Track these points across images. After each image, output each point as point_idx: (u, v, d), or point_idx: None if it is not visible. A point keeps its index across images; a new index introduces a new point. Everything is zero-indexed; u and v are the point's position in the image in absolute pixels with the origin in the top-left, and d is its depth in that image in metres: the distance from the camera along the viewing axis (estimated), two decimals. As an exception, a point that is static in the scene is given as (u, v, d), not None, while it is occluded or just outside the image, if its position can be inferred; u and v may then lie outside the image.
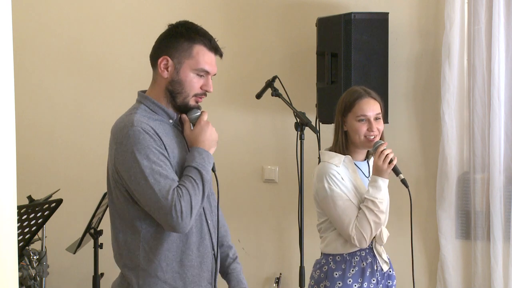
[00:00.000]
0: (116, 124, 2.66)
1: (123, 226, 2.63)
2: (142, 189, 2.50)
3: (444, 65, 4.35)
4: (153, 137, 2.54)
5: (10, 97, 2.03)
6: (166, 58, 2.63)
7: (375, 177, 3.23)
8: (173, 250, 2.61)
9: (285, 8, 4.80)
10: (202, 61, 2.64)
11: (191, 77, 2.64)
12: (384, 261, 3.34)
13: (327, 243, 3.34)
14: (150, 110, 2.65)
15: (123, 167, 2.53)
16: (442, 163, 4.39)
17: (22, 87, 5.10)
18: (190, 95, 2.66)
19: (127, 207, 2.59)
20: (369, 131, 3.27)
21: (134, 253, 2.61)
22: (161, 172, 2.51)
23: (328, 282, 3.28)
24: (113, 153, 2.59)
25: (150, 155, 2.51)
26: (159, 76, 2.66)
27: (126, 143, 2.54)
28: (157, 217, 2.53)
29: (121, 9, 5.13)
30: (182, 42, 2.63)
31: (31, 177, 5.05)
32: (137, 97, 2.74)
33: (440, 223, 4.43)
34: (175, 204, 2.48)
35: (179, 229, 2.51)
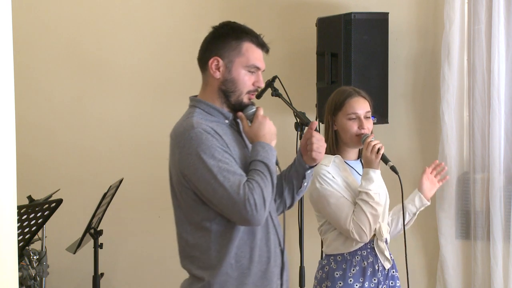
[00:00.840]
0: (175, 130, 2.67)
1: (193, 229, 2.64)
2: (213, 188, 2.53)
3: (444, 65, 4.34)
4: (214, 136, 2.58)
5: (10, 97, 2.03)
6: (216, 59, 2.66)
7: (366, 169, 3.23)
8: (242, 247, 2.63)
9: (285, 8, 4.80)
10: (252, 57, 2.69)
11: (243, 75, 2.68)
12: (386, 258, 3.33)
13: (328, 243, 3.34)
14: (205, 112, 2.68)
15: (190, 170, 2.56)
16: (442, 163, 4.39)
17: (22, 87, 5.08)
18: (244, 92, 2.69)
19: (196, 209, 2.61)
20: (360, 129, 3.28)
21: (206, 253, 2.63)
22: (229, 169, 2.54)
23: (329, 282, 3.28)
24: (177, 158, 2.61)
25: (215, 154, 2.55)
26: (211, 77, 2.69)
27: (190, 146, 2.56)
28: (230, 214, 2.56)
29: (121, 9, 5.13)
30: (230, 41, 2.67)
31: (31, 177, 5.05)
32: (190, 103, 2.76)
33: (439, 223, 4.43)
34: (248, 197, 2.51)
35: (254, 222, 2.55)
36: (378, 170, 3.24)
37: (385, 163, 3.25)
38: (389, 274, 3.35)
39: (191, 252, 2.66)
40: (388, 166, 3.25)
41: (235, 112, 2.73)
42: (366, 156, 3.23)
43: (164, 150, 5.06)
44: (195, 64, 5.40)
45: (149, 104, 5.09)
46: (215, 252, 2.62)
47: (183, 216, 2.66)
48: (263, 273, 2.67)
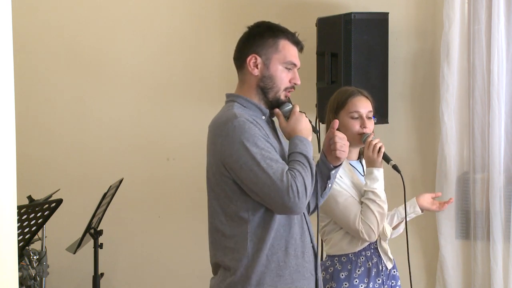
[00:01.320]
0: (215, 121, 2.72)
1: (229, 220, 2.67)
2: (256, 175, 2.57)
3: (443, 65, 4.34)
4: (257, 126, 2.64)
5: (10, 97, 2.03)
6: (254, 56, 2.73)
7: (370, 169, 3.23)
8: (278, 239, 2.66)
9: (285, 8, 4.80)
10: (289, 54, 2.76)
11: (281, 71, 2.74)
12: (388, 259, 3.34)
13: (332, 244, 3.32)
14: (243, 107, 2.73)
15: (233, 158, 2.60)
16: (441, 163, 4.39)
17: (22, 87, 5.08)
18: (281, 89, 2.76)
19: (234, 199, 2.65)
20: (362, 128, 3.27)
21: (243, 244, 2.65)
22: (271, 157, 2.59)
23: (334, 283, 3.27)
24: (218, 148, 2.64)
25: (258, 142, 2.60)
26: (249, 75, 2.75)
27: (233, 135, 2.61)
28: (271, 201, 2.59)
29: (121, 8, 5.12)
30: (267, 38, 2.74)
31: (31, 177, 5.04)
32: (227, 99, 2.82)
33: (439, 223, 4.42)
34: (291, 184, 2.56)
35: (296, 209, 2.59)
36: (381, 168, 3.24)
37: (386, 162, 3.25)
38: (390, 274, 3.35)
39: (227, 243, 2.68)
40: (390, 165, 3.25)
41: (271, 109, 2.78)
42: (368, 156, 3.23)
43: (164, 150, 5.09)
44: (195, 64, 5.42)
45: (149, 104, 5.09)
46: (251, 243, 2.64)
47: (219, 207, 2.69)
48: (298, 266, 2.70)
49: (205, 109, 5.02)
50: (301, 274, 2.71)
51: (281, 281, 2.67)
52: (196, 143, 5.17)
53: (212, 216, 2.73)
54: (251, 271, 2.64)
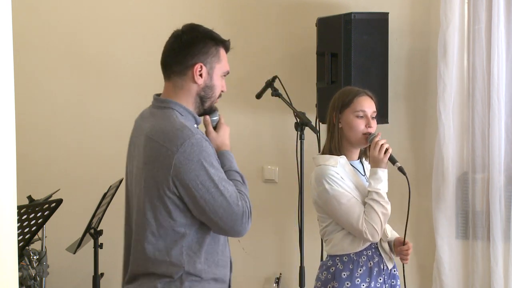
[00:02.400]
0: (162, 131, 2.62)
1: (164, 233, 2.63)
2: (213, 197, 2.56)
3: (440, 65, 4.34)
4: (210, 144, 2.63)
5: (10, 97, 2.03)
6: (200, 65, 2.68)
7: (375, 169, 3.23)
8: (210, 252, 2.69)
9: (285, 8, 4.80)
10: (226, 63, 2.75)
11: (220, 81, 2.73)
12: (389, 258, 3.34)
13: (333, 244, 3.32)
14: (182, 116, 2.68)
15: (189, 176, 2.54)
16: (438, 163, 4.39)
17: (22, 87, 5.09)
18: (216, 98, 2.75)
19: (174, 214, 2.60)
20: (367, 127, 3.27)
21: (178, 258, 2.63)
22: (225, 178, 2.61)
23: (336, 283, 3.27)
24: (168, 161, 2.56)
25: (214, 162, 2.59)
26: (190, 83, 2.69)
27: (191, 152, 2.55)
28: (222, 223, 2.59)
29: (122, 8, 5.12)
30: (211, 47, 2.70)
31: (31, 177, 5.05)
32: (161, 103, 2.76)
33: (436, 223, 4.42)
34: (245, 210, 2.61)
35: (243, 233, 2.64)
36: (386, 169, 3.23)
37: (392, 163, 3.25)
38: (391, 273, 3.35)
39: (161, 257, 2.64)
40: (395, 166, 3.24)
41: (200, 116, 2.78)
42: (374, 156, 3.23)
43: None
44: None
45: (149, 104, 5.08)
46: (187, 257, 2.63)
47: (153, 219, 2.62)
48: (223, 276, 2.75)
49: (205, 109, 5.03)
50: (225, 283, 2.77)
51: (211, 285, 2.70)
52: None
53: (143, 226, 2.65)
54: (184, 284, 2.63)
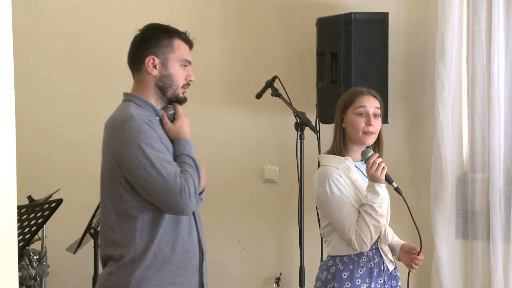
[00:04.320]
0: (112, 120, 2.83)
1: (119, 216, 2.78)
2: (150, 176, 2.68)
3: (438, 65, 4.33)
4: (153, 127, 2.75)
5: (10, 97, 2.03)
6: (152, 57, 2.84)
7: (371, 183, 3.23)
8: (166, 236, 2.77)
9: (285, 8, 4.80)
10: (184, 52, 2.88)
11: (178, 69, 2.86)
12: (390, 261, 3.33)
13: (333, 245, 3.32)
14: (139, 106, 2.83)
15: (128, 158, 2.70)
16: (436, 163, 4.38)
17: (22, 87, 5.09)
18: (180, 86, 2.88)
19: (124, 197, 2.75)
20: (367, 125, 3.26)
21: (131, 239, 2.75)
22: (166, 158, 2.72)
23: (337, 283, 3.26)
24: (114, 147, 2.74)
25: (153, 143, 2.71)
26: (147, 76, 2.85)
27: (130, 135, 2.70)
28: (164, 201, 2.71)
29: (122, 8, 5.12)
30: (162, 39, 2.86)
31: (31, 177, 5.04)
32: (124, 97, 2.94)
33: (435, 224, 4.41)
34: (183, 186, 2.69)
35: (187, 210, 2.73)
36: (383, 184, 3.23)
37: (389, 183, 3.25)
38: (391, 274, 3.35)
39: (116, 238, 2.78)
40: (392, 187, 3.25)
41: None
42: (371, 174, 3.23)
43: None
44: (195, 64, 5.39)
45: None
46: (139, 239, 2.74)
47: (110, 204, 2.79)
48: (183, 262, 2.82)
49: (205, 109, 5.03)
50: (186, 270, 2.83)
51: (165, 275, 2.78)
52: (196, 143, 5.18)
53: (104, 212, 2.82)
54: (137, 265, 2.74)
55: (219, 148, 4.93)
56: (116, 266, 2.77)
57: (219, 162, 4.91)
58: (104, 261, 2.85)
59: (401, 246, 3.39)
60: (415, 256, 3.34)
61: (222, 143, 4.93)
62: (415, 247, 3.35)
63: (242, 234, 4.91)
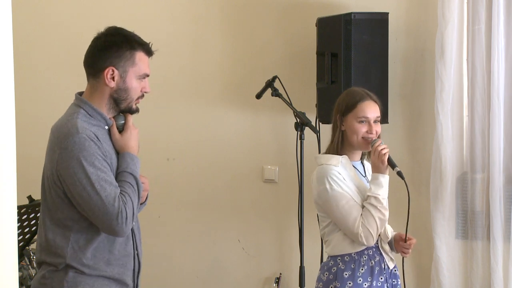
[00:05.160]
0: (58, 128, 2.78)
1: (53, 225, 2.76)
2: (88, 195, 2.65)
3: (438, 64, 4.33)
4: (97, 144, 2.70)
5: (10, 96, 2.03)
6: (112, 69, 2.78)
7: (376, 174, 3.24)
8: (101, 249, 2.75)
9: (285, 8, 4.80)
10: (144, 66, 2.83)
11: (135, 83, 2.81)
12: (390, 259, 3.34)
13: (334, 245, 3.32)
14: (89, 115, 2.79)
15: (67, 172, 2.67)
16: (436, 163, 4.38)
17: (22, 87, 5.08)
18: (134, 99, 2.83)
19: (61, 207, 2.73)
20: (368, 133, 3.28)
21: (63, 250, 2.73)
22: (106, 178, 2.67)
23: (338, 283, 3.27)
24: (56, 157, 2.71)
25: (95, 162, 2.66)
26: (103, 85, 2.80)
27: (72, 149, 2.67)
28: (98, 222, 2.69)
29: (122, 8, 5.12)
30: (125, 51, 2.80)
31: (31, 177, 5.03)
32: (75, 101, 2.90)
33: (434, 224, 4.40)
34: (121, 210, 2.66)
35: (122, 234, 2.71)
36: (387, 175, 3.24)
37: (392, 168, 3.25)
38: (392, 272, 3.36)
39: (48, 247, 2.76)
40: (394, 171, 3.25)
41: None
42: (373, 162, 3.24)
43: (164, 150, 5.08)
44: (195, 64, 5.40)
45: (149, 104, 5.06)
46: (71, 251, 2.72)
47: (47, 211, 2.78)
48: (120, 274, 2.80)
49: (205, 109, 5.03)
50: (121, 282, 2.81)
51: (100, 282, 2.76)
52: (196, 143, 5.19)
53: (41, 214, 2.82)
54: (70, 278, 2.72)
55: (219, 148, 4.92)
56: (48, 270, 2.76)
57: (219, 162, 4.91)
58: (39, 264, 2.84)
59: (394, 238, 3.40)
60: (402, 244, 3.34)
61: (222, 143, 4.92)
62: (403, 234, 3.35)
63: (242, 234, 4.91)
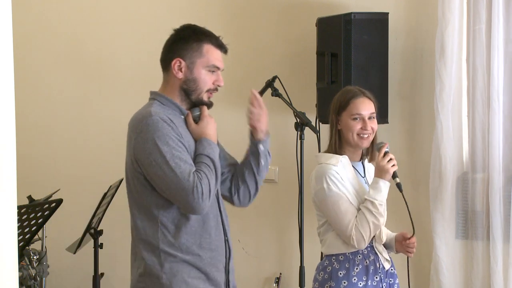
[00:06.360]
0: (133, 118, 2.86)
1: (141, 213, 2.81)
2: (164, 173, 2.70)
3: (438, 64, 4.33)
4: (170, 125, 2.76)
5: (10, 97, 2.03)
6: (179, 60, 2.86)
7: (377, 179, 3.24)
8: (192, 234, 2.80)
9: (285, 8, 4.80)
10: (212, 58, 2.88)
11: (204, 74, 2.87)
12: (385, 259, 3.34)
13: (329, 244, 3.33)
14: (163, 105, 2.87)
15: (143, 155, 2.73)
16: (435, 163, 4.38)
17: (22, 87, 5.09)
18: (204, 91, 2.88)
19: (144, 195, 2.78)
20: (362, 130, 3.29)
21: (154, 237, 2.78)
22: (181, 156, 2.72)
23: (333, 282, 3.28)
24: (132, 144, 2.78)
25: (169, 141, 2.72)
26: (173, 77, 2.89)
27: (146, 131, 2.74)
28: (177, 199, 2.73)
29: (122, 8, 5.13)
30: (192, 43, 2.87)
31: (31, 177, 5.05)
32: (150, 96, 2.97)
33: (434, 224, 4.40)
34: (196, 185, 2.69)
35: (199, 209, 2.73)
36: (388, 182, 3.25)
37: (392, 178, 3.27)
38: (388, 272, 3.36)
39: (139, 235, 2.82)
40: (394, 182, 3.26)
41: None
42: (381, 165, 3.25)
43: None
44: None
45: (149, 104, 5.09)
46: (162, 236, 2.78)
47: (133, 201, 2.84)
48: (212, 259, 2.84)
49: (205, 109, 5.02)
50: (215, 267, 2.86)
51: (195, 273, 2.80)
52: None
53: (130, 208, 2.87)
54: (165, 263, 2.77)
55: (219, 148, 4.92)
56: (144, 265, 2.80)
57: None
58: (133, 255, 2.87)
59: (395, 238, 3.42)
60: (407, 243, 3.36)
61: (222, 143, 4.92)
62: (406, 233, 3.38)
63: (242, 234, 4.91)
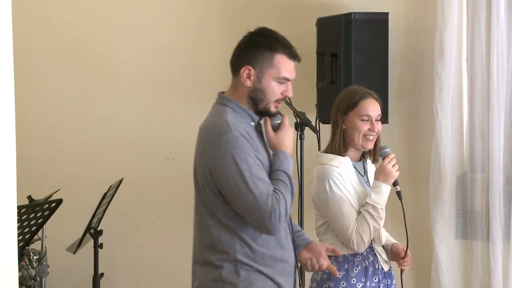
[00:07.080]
0: (208, 127, 2.76)
1: (215, 223, 2.74)
2: (241, 192, 2.65)
3: (437, 64, 4.33)
4: (249, 141, 2.70)
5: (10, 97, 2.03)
6: (248, 68, 2.76)
7: (379, 183, 3.24)
8: (266, 246, 2.75)
9: (285, 8, 4.80)
10: (283, 69, 2.79)
11: (273, 85, 2.78)
12: (384, 261, 3.35)
13: (328, 244, 3.32)
14: (234, 112, 2.78)
15: (221, 170, 2.67)
16: (435, 163, 4.38)
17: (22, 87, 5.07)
18: (272, 101, 2.80)
19: (216, 205, 2.72)
20: (369, 131, 3.28)
21: (230, 247, 2.73)
22: (259, 176, 2.67)
23: (332, 282, 3.28)
24: (209, 156, 2.70)
25: (248, 159, 2.66)
26: (241, 84, 2.78)
27: (226, 147, 2.66)
28: (253, 219, 2.69)
29: (122, 8, 5.12)
30: (264, 52, 2.77)
31: (31, 177, 5.04)
32: (219, 99, 2.86)
33: (434, 224, 4.41)
34: (275, 208, 2.65)
35: (275, 232, 2.70)
36: (390, 186, 3.25)
37: (393, 185, 3.27)
38: (386, 273, 3.36)
39: (215, 244, 2.75)
40: (394, 189, 3.27)
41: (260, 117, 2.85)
42: (387, 169, 3.25)
43: (164, 150, 5.09)
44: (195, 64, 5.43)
45: (150, 104, 5.09)
46: (239, 247, 2.73)
47: (206, 210, 2.76)
48: (283, 270, 2.81)
49: (205, 109, 4.99)
50: (285, 277, 2.82)
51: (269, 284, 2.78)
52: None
53: (199, 214, 2.80)
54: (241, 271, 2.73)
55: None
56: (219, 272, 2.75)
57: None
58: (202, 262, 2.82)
59: (391, 247, 3.41)
60: (402, 262, 3.36)
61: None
62: (401, 251, 3.37)
63: (242, 234, 4.90)
